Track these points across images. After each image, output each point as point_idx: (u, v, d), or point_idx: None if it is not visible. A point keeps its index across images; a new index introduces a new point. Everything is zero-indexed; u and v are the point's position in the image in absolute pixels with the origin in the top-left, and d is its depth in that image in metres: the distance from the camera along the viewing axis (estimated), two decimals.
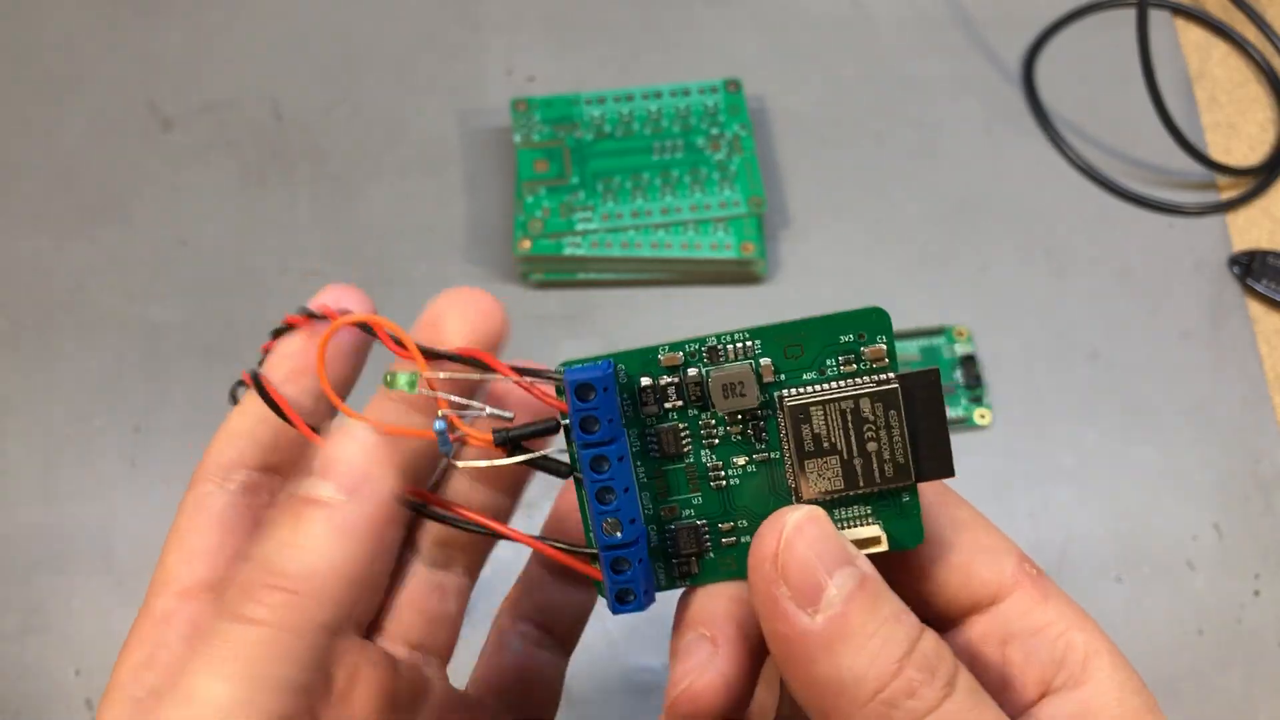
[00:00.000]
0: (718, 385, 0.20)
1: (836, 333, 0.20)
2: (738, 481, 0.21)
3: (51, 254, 0.50)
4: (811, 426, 0.20)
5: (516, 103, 0.50)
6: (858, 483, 0.20)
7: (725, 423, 0.20)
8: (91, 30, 0.55)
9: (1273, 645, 0.44)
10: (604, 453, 0.20)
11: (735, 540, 0.21)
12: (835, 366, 0.20)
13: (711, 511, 0.21)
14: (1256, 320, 0.50)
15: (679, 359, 0.21)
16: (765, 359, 0.20)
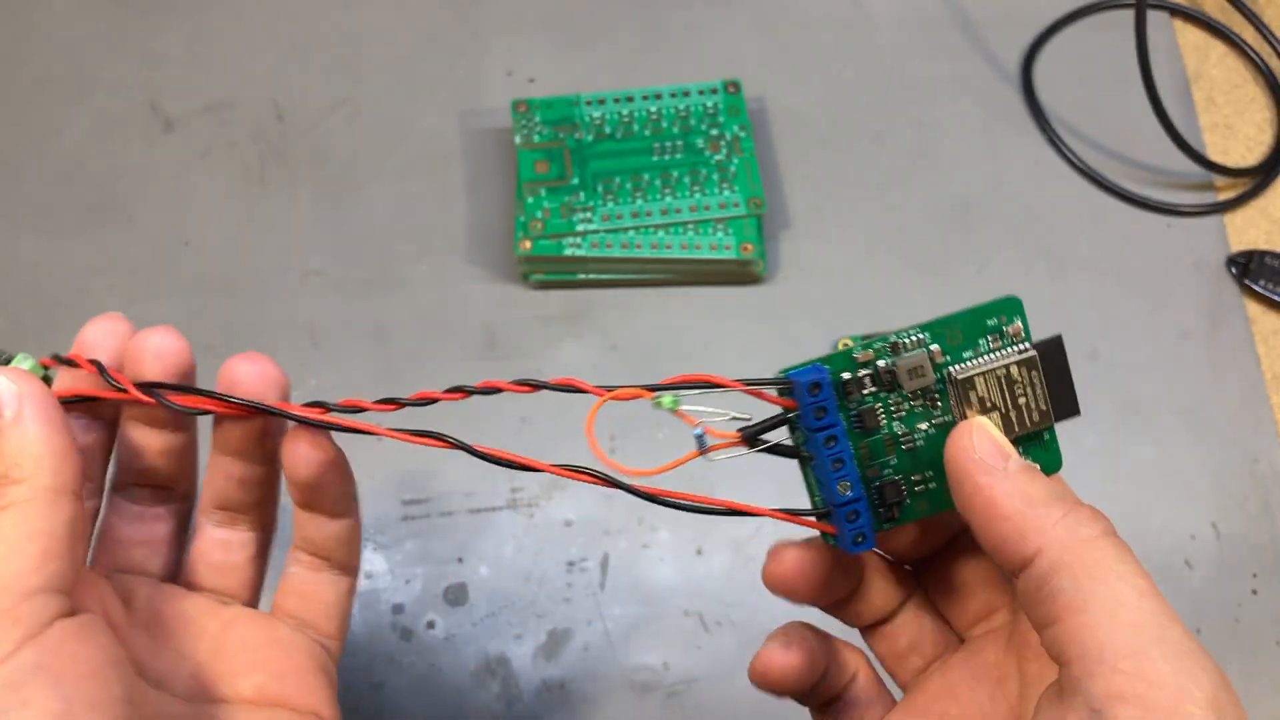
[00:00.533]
0: (904, 370, 0.26)
1: (983, 319, 0.27)
2: (923, 442, 0.27)
3: (53, 254, 0.50)
4: (976, 391, 0.26)
5: (517, 104, 0.50)
6: (1014, 429, 0.26)
7: (910, 399, 0.26)
8: (93, 31, 0.55)
9: (1270, 644, 0.44)
10: (834, 432, 0.26)
11: (925, 488, 0.27)
12: (986, 344, 0.27)
13: (905, 467, 0.27)
14: (1254, 320, 0.50)
15: (870, 355, 0.26)
16: (934, 345, 0.26)
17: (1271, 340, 0.50)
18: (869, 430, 0.26)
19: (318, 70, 0.54)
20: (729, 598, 0.44)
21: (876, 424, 0.26)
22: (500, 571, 0.45)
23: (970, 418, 0.26)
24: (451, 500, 0.46)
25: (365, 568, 0.44)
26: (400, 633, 0.44)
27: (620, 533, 0.45)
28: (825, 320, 0.49)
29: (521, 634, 0.44)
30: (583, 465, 0.28)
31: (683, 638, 0.44)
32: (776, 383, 0.26)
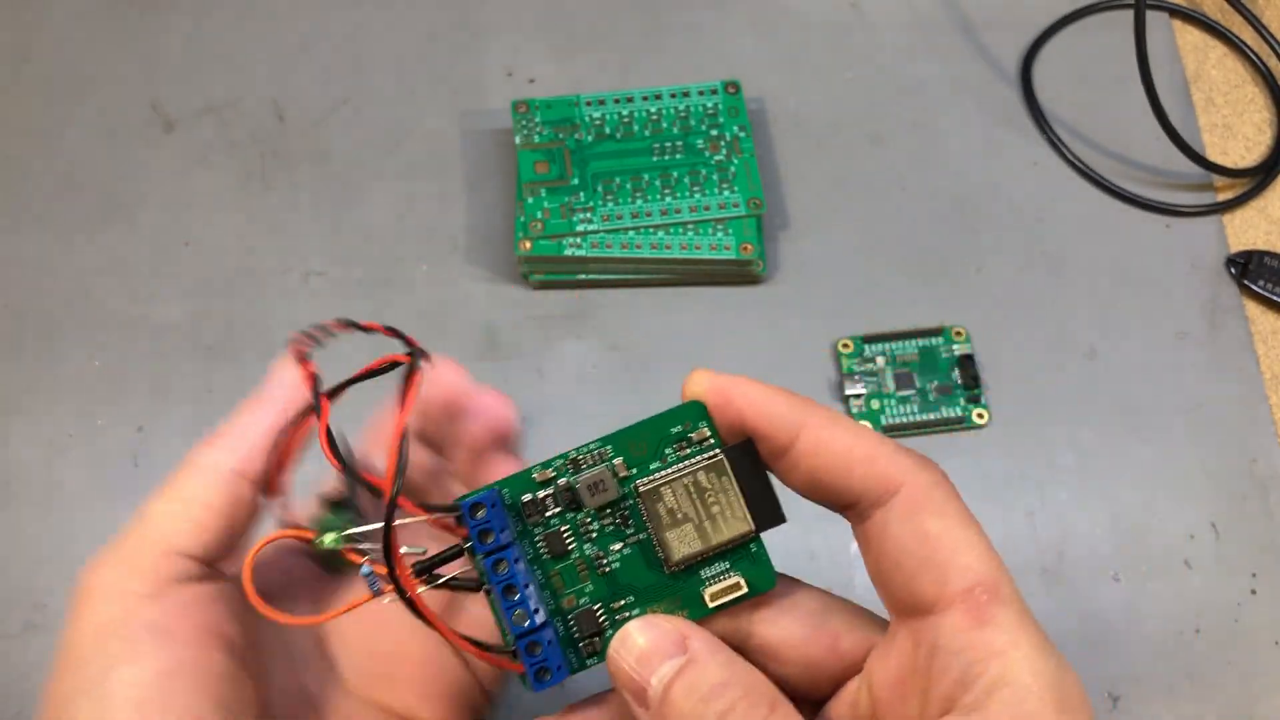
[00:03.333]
0: (584, 487, 0.24)
1: (666, 427, 0.25)
2: (619, 564, 0.25)
3: (54, 254, 0.50)
4: (665, 503, 0.24)
5: (517, 104, 0.50)
6: (710, 541, 0.24)
7: (598, 517, 0.25)
8: (94, 31, 0.55)
9: (1270, 644, 0.44)
10: (502, 556, 0.24)
11: (628, 615, 0.25)
12: (674, 453, 0.25)
13: (602, 594, 0.25)
14: (1253, 320, 0.50)
15: (551, 474, 0.25)
16: (617, 459, 0.25)
17: (1270, 340, 0.50)
18: (558, 555, 0.24)
19: (318, 71, 0.54)
20: None
21: (564, 548, 0.24)
22: None
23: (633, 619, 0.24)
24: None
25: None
26: None
27: None
28: (825, 320, 0.49)
29: None
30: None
31: None
32: (449, 509, 0.24)
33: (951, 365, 0.48)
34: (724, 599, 0.25)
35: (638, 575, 0.25)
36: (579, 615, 0.25)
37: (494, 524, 0.24)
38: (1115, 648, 0.44)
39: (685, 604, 0.25)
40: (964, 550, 0.24)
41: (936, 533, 0.24)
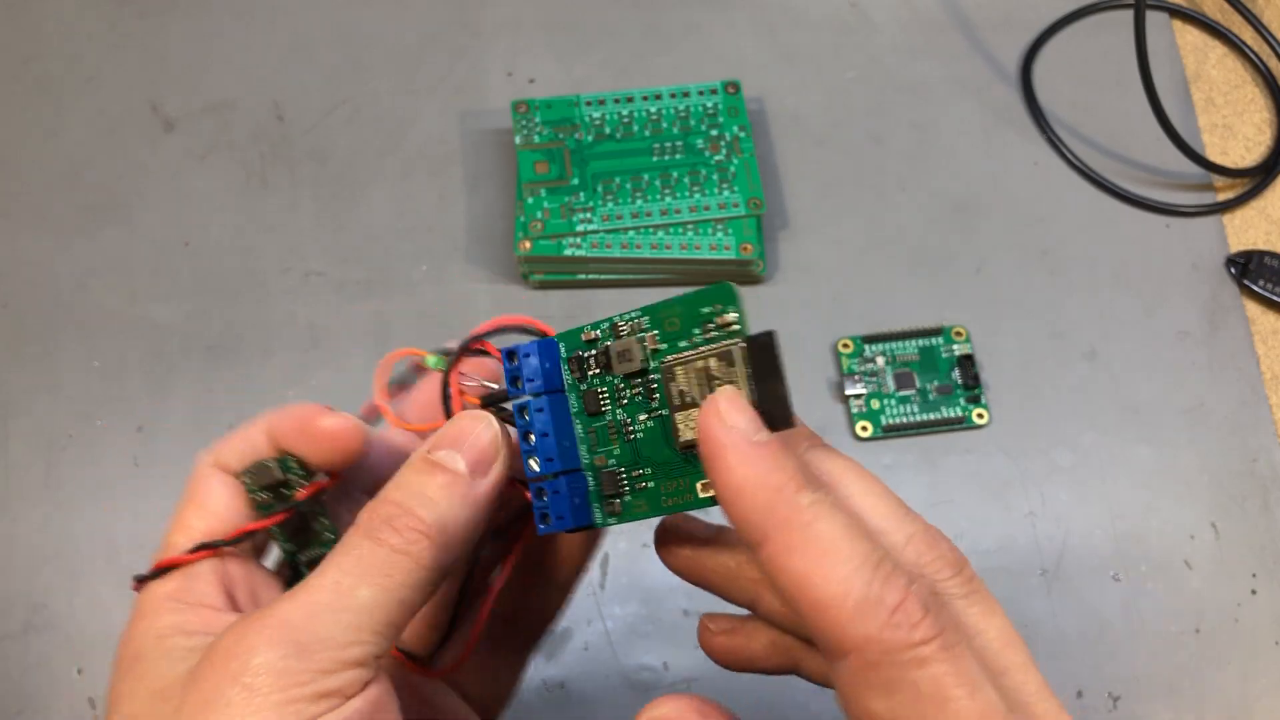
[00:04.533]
0: (615, 353, 0.24)
1: (698, 307, 0.24)
2: (642, 435, 0.24)
3: (54, 254, 0.50)
4: (677, 383, 0.24)
5: (517, 104, 0.50)
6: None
7: (629, 385, 0.24)
8: (94, 32, 0.55)
9: (1270, 644, 0.44)
10: (525, 404, 0.24)
11: (645, 485, 0.24)
12: (700, 334, 0.24)
13: (626, 460, 0.25)
14: (1253, 320, 0.50)
15: (596, 335, 0.25)
16: (652, 331, 0.24)
17: (1270, 340, 0.50)
18: (594, 414, 0.25)
19: (318, 71, 0.54)
20: None
21: (599, 409, 0.25)
22: None
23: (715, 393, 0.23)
24: None
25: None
26: None
27: (620, 533, 0.45)
28: (825, 320, 0.49)
29: None
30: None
31: (683, 638, 0.44)
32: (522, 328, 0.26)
33: (951, 365, 0.48)
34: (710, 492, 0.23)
35: (656, 449, 0.24)
36: (604, 475, 0.25)
37: (524, 373, 0.25)
38: (1115, 647, 0.44)
39: (689, 489, 0.24)
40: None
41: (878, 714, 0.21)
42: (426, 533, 0.23)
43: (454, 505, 0.23)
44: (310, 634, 0.21)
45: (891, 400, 0.47)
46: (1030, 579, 0.45)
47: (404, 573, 0.22)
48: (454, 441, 0.24)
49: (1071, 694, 0.43)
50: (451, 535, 0.23)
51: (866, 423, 0.47)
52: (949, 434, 0.47)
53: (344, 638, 0.21)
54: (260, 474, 0.26)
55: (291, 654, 0.21)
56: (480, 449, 0.24)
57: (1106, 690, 0.44)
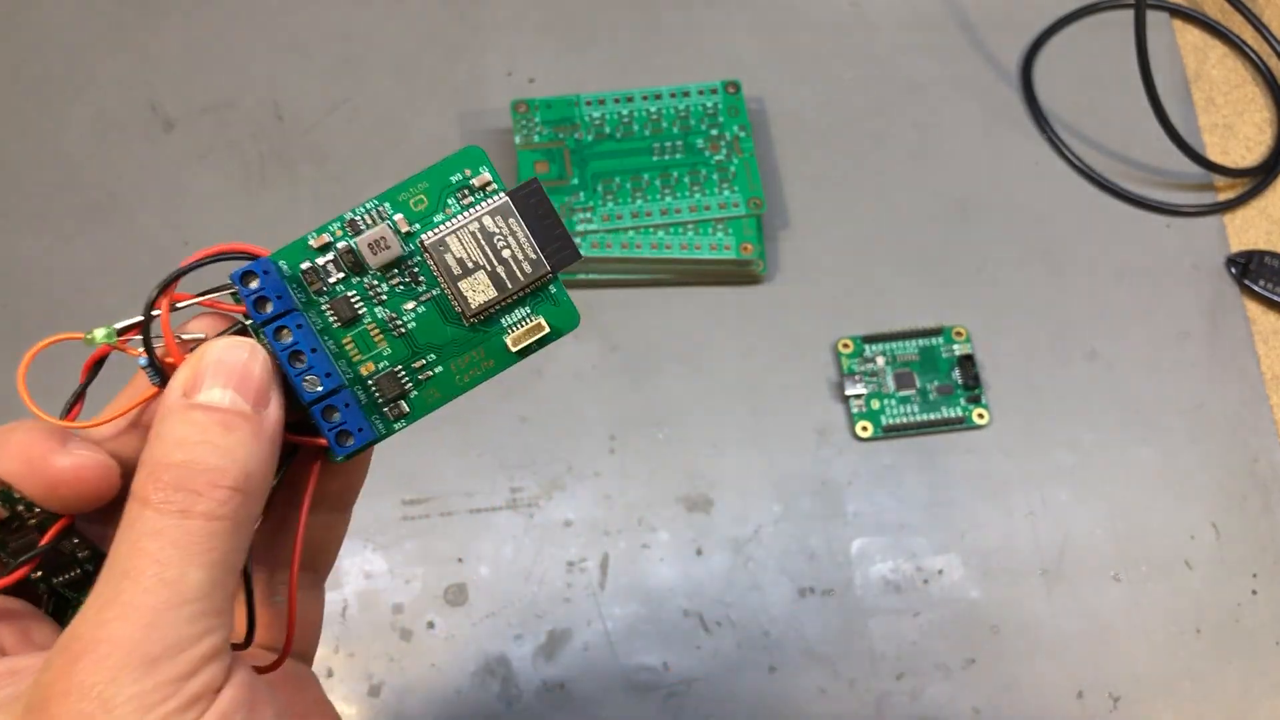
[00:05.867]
0: (364, 246, 0.23)
1: (446, 176, 0.24)
2: (415, 324, 0.24)
3: (54, 254, 0.50)
4: (453, 253, 0.23)
5: (517, 104, 0.50)
6: (506, 286, 0.24)
7: (385, 278, 0.24)
8: (93, 32, 0.55)
9: (1270, 644, 0.44)
10: (283, 323, 0.23)
11: (430, 373, 0.24)
12: (456, 203, 0.24)
13: (403, 355, 0.24)
14: (1254, 320, 0.50)
15: (327, 239, 0.24)
16: (397, 215, 0.24)
17: (1271, 340, 0.50)
18: (348, 322, 0.23)
19: (318, 71, 0.54)
20: (729, 598, 0.44)
21: (354, 313, 0.23)
22: (500, 572, 0.45)
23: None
24: (451, 500, 0.46)
25: (365, 568, 0.45)
26: (400, 633, 0.44)
27: (620, 533, 0.45)
28: (825, 320, 0.49)
29: (521, 634, 0.44)
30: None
31: (682, 638, 0.44)
32: (222, 288, 0.23)
33: (952, 365, 0.48)
34: (527, 341, 0.24)
35: (436, 332, 0.24)
36: (380, 379, 0.23)
37: (268, 291, 0.23)
38: (1116, 647, 0.44)
39: (490, 354, 0.24)
40: None
41: None
42: (235, 486, 0.20)
43: (251, 448, 0.21)
44: (155, 643, 0.18)
45: (892, 400, 0.47)
46: (1031, 579, 0.45)
47: (226, 539, 0.20)
48: (216, 377, 0.21)
49: (1072, 694, 0.43)
50: (257, 482, 0.21)
51: (867, 423, 0.47)
52: (949, 434, 0.47)
53: (192, 632, 0.19)
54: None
55: (143, 672, 0.18)
56: (256, 377, 0.21)
57: (1107, 690, 0.43)
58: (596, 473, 0.46)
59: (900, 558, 0.45)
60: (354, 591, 0.44)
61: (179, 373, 0.21)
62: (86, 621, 0.19)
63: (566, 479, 0.46)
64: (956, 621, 0.44)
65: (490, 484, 0.46)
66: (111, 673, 0.18)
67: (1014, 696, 0.43)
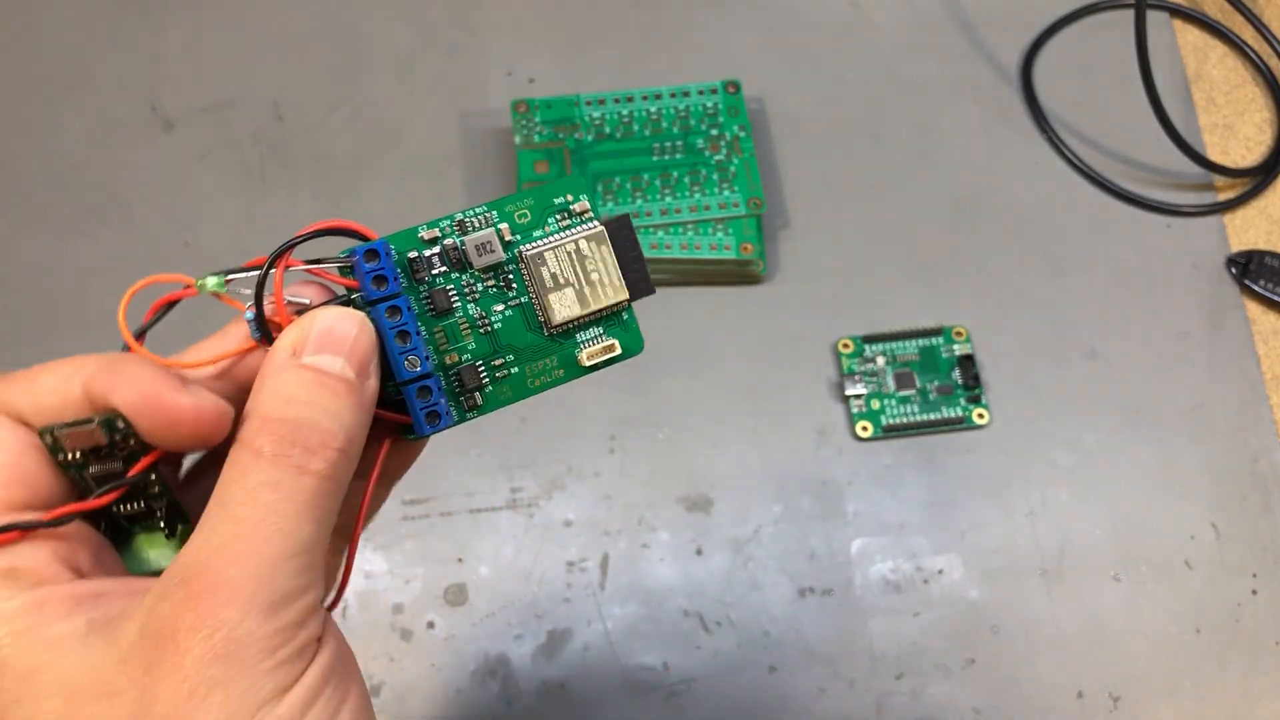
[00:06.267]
0: (471, 247, 0.25)
1: (550, 198, 0.26)
2: (500, 325, 0.26)
3: (54, 254, 0.50)
4: (548, 267, 0.26)
5: (517, 104, 0.50)
6: (589, 304, 0.26)
7: (482, 278, 0.26)
8: (94, 32, 0.55)
9: (1270, 644, 0.44)
10: (396, 303, 0.24)
11: (506, 373, 0.26)
12: (555, 223, 0.26)
13: (485, 352, 0.26)
14: (1254, 320, 0.50)
15: (437, 234, 0.25)
16: (503, 224, 0.26)
17: (1271, 340, 0.50)
18: (442, 313, 0.25)
19: (318, 70, 0.54)
20: (728, 598, 0.44)
21: (449, 305, 0.25)
22: (500, 572, 0.45)
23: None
24: (451, 500, 0.46)
25: (365, 567, 0.45)
26: (400, 633, 0.44)
27: (620, 533, 0.45)
28: (825, 320, 0.49)
29: (521, 634, 0.44)
30: None
31: (682, 638, 0.44)
32: (339, 261, 0.24)
33: (952, 365, 0.48)
34: (599, 359, 0.27)
35: (518, 336, 0.26)
36: (462, 370, 0.25)
37: (387, 271, 0.24)
38: (1116, 647, 0.44)
39: (561, 364, 0.26)
40: None
41: None
42: (343, 450, 0.21)
43: (355, 415, 0.21)
44: (276, 590, 0.19)
45: (892, 400, 0.47)
46: (1031, 579, 0.45)
47: (332, 499, 0.21)
48: (325, 345, 0.22)
49: (1072, 694, 0.43)
50: (358, 448, 0.22)
51: (867, 423, 0.47)
52: (949, 434, 0.47)
53: (300, 584, 0.20)
54: (79, 436, 0.21)
55: (266, 616, 0.19)
56: (364, 349, 0.22)
57: (1107, 690, 0.43)
58: (596, 473, 0.46)
59: (900, 558, 0.45)
60: (354, 591, 0.44)
61: (288, 332, 0.22)
62: (203, 559, 0.19)
63: (566, 479, 0.46)
64: (956, 621, 0.44)
65: (490, 484, 0.46)
66: (240, 613, 0.19)
67: (1014, 696, 0.43)
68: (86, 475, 0.22)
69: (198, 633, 0.19)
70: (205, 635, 0.19)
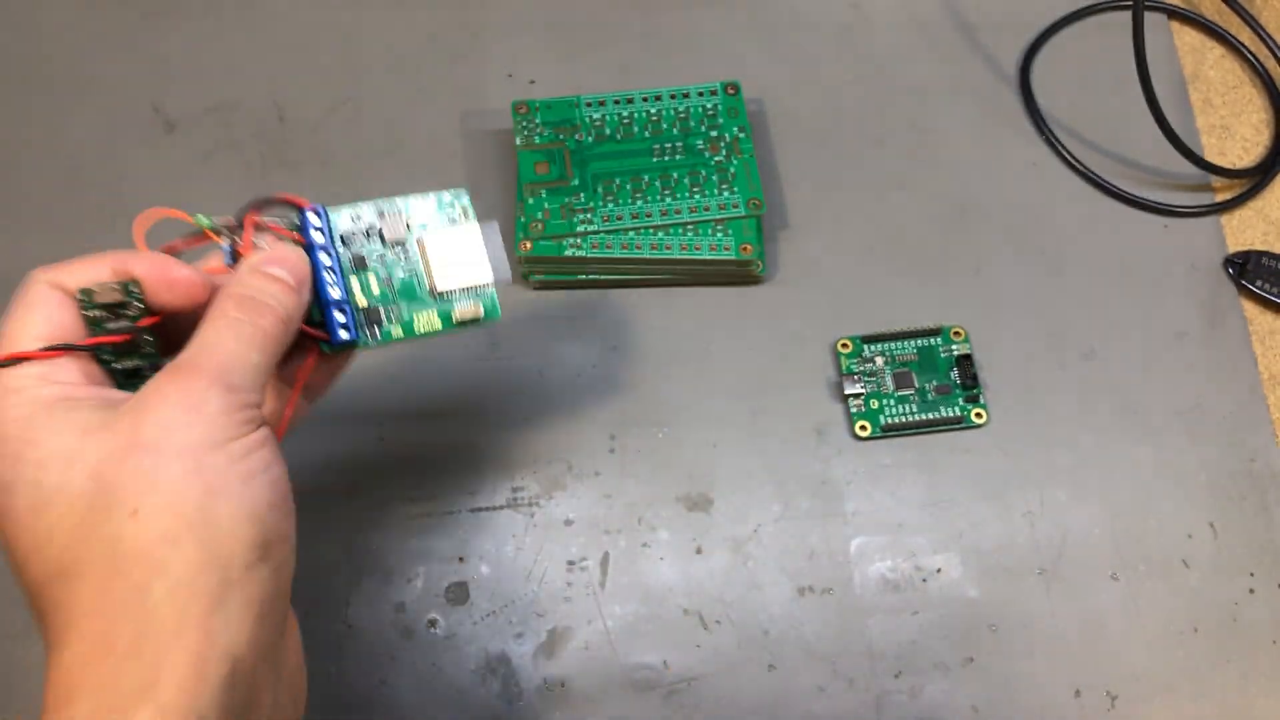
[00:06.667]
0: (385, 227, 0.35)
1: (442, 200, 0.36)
2: (399, 284, 0.35)
3: (56, 255, 0.50)
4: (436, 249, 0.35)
5: (518, 105, 0.51)
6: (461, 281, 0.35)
7: (389, 250, 0.35)
8: (96, 33, 0.55)
9: (1267, 643, 0.44)
10: (327, 248, 0.34)
11: (399, 313, 0.35)
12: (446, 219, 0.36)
13: (386, 300, 0.35)
14: (1251, 320, 0.50)
15: (364, 213, 0.35)
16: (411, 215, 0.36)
17: (1268, 340, 0.50)
18: (359, 268, 0.35)
19: (319, 72, 0.54)
20: (728, 596, 0.45)
21: (365, 265, 0.35)
22: (501, 570, 0.45)
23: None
24: (452, 500, 0.46)
25: (367, 566, 0.45)
26: (401, 631, 0.44)
27: (620, 532, 0.45)
28: (824, 320, 0.49)
29: (522, 633, 0.44)
30: None
31: (682, 636, 0.44)
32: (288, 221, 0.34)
33: (950, 365, 0.48)
34: (467, 317, 0.35)
35: (410, 293, 0.35)
36: (369, 309, 0.34)
37: (325, 229, 0.34)
38: (1113, 646, 0.44)
39: (440, 319, 0.35)
40: None
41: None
42: (282, 319, 0.31)
43: (291, 301, 0.31)
44: (234, 376, 0.29)
45: (890, 400, 0.48)
46: (1029, 578, 0.45)
47: (274, 344, 0.30)
48: (274, 261, 0.32)
49: (1070, 692, 0.44)
50: (291, 324, 0.31)
51: (866, 422, 0.47)
52: (948, 434, 0.48)
53: (248, 384, 0.29)
54: (103, 292, 0.30)
55: (227, 390, 0.28)
56: (302, 269, 0.32)
57: (1105, 689, 0.44)
58: (597, 472, 0.46)
59: (899, 557, 0.45)
60: (356, 590, 0.44)
61: (253, 255, 0.32)
62: (183, 359, 0.29)
63: (567, 478, 0.46)
64: (955, 620, 0.44)
65: (491, 483, 0.46)
66: (206, 384, 0.28)
67: (1012, 695, 0.43)
68: (106, 327, 0.30)
69: (167, 399, 0.28)
70: (176, 399, 0.28)
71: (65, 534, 0.26)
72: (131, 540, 0.26)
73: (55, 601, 0.27)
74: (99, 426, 0.27)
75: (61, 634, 0.27)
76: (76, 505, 0.26)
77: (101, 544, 0.26)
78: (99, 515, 0.26)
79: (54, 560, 0.27)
